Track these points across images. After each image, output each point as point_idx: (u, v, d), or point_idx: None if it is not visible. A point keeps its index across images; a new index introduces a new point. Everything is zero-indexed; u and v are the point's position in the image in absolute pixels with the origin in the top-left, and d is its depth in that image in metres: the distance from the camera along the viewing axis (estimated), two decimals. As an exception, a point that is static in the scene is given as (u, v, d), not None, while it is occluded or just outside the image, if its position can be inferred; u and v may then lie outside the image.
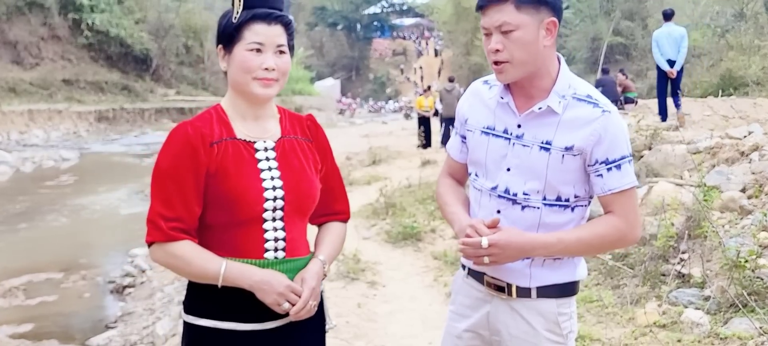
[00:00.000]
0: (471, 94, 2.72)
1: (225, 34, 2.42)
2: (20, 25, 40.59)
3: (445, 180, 2.83)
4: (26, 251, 11.30)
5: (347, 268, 7.51)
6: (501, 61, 2.42)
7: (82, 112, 37.98)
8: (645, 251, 6.38)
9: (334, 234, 2.65)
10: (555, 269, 2.53)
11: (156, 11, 50.21)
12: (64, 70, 41.73)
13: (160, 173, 2.36)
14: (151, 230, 2.33)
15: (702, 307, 5.43)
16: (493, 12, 2.40)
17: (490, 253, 2.40)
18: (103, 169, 22.67)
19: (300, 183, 2.46)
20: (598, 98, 2.47)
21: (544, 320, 2.53)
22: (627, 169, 2.46)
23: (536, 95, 2.48)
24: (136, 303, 8.59)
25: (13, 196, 16.67)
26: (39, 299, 8.89)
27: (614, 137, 2.43)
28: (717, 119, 14.10)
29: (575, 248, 2.49)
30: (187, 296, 2.47)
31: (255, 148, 2.44)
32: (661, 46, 13.53)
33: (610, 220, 2.49)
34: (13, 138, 30.49)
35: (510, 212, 2.51)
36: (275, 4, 2.43)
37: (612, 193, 2.45)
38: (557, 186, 2.47)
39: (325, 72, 76.79)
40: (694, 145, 9.17)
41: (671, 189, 7.18)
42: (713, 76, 27.15)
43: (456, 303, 2.76)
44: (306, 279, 2.41)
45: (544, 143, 2.45)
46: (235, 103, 2.47)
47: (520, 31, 2.38)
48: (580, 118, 2.43)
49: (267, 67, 2.37)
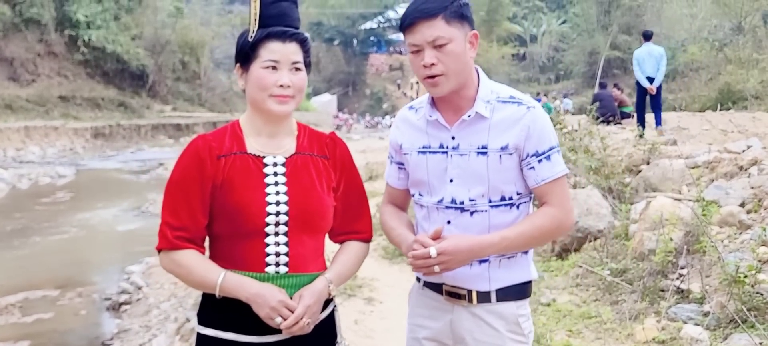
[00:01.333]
0: (401, 122, 2.83)
1: (242, 52, 2.49)
2: (17, 41, 40.65)
3: (387, 208, 2.91)
4: (22, 268, 11.25)
5: (344, 284, 7.47)
6: (436, 74, 2.53)
7: (79, 129, 37.97)
8: (644, 267, 6.36)
9: (349, 253, 2.66)
10: (511, 269, 2.66)
11: (152, 27, 50.32)
12: (61, 87, 41.77)
13: (170, 183, 2.45)
14: (160, 238, 2.42)
15: (701, 322, 5.40)
16: (424, 28, 2.51)
17: (440, 261, 2.48)
18: (100, 185, 22.64)
19: (307, 200, 2.49)
20: (520, 97, 2.64)
21: (506, 322, 2.65)
22: (556, 158, 2.61)
23: (463, 105, 2.62)
24: (133, 320, 8.55)
25: (9, 213, 16.63)
26: (35, 316, 8.85)
27: (542, 130, 2.59)
28: (715, 133, 14.12)
29: (519, 242, 2.60)
30: (201, 306, 2.54)
31: (264, 162, 2.49)
32: (642, 64, 14.43)
33: (547, 211, 2.62)
34: (9, 155, 30.45)
35: (460, 220, 2.62)
36: (290, 23, 2.49)
37: (545, 183, 2.59)
38: (500, 186, 2.60)
39: (321, 87, 76.89)
40: (693, 160, 9.17)
41: (670, 204, 7.15)
42: (712, 90, 27.26)
43: (415, 315, 2.84)
44: (303, 296, 2.41)
45: (481, 148, 2.59)
46: (251, 120, 2.55)
47: (452, 43, 2.51)
48: (508, 118, 2.58)
49: (282, 85, 2.43)
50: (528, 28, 67.57)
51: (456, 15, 2.53)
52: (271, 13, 2.46)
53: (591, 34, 45.69)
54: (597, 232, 7.78)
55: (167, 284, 9.44)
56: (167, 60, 50.15)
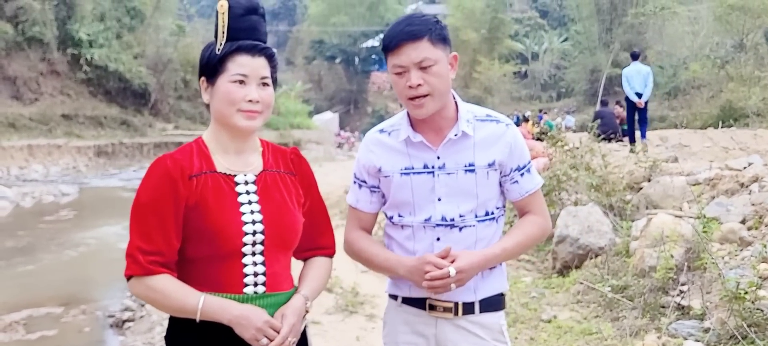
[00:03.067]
0: (374, 145, 2.85)
1: (208, 65, 2.43)
2: (19, 60, 40.68)
3: (358, 234, 2.91)
4: (26, 286, 11.24)
5: (346, 301, 7.50)
6: (421, 95, 2.59)
7: (82, 147, 37.96)
8: (644, 283, 6.38)
9: (318, 269, 2.64)
10: (492, 279, 2.77)
11: (154, 46, 50.39)
12: (64, 105, 41.75)
13: (139, 206, 2.35)
14: (130, 264, 2.33)
15: (702, 339, 5.42)
16: (410, 50, 2.57)
17: (457, 279, 2.59)
18: (103, 203, 22.64)
19: (281, 217, 2.45)
20: (496, 116, 2.79)
21: (490, 331, 2.76)
22: (533, 171, 2.81)
23: (445, 126, 2.71)
24: (136, 337, 8.54)
25: (12, 231, 16.62)
26: (39, 333, 8.84)
27: (521, 146, 2.76)
28: (717, 150, 14.17)
29: (515, 251, 2.81)
30: (169, 330, 2.46)
31: (235, 181, 2.44)
32: (631, 80, 15.96)
33: (532, 219, 2.82)
34: (12, 173, 30.44)
35: (449, 236, 2.70)
36: (259, 37, 2.45)
37: (529, 194, 2.79)
38: (486, 201, 2.72)
39: (323, 105, 76.88)
40: (694, 177, 9.19)
41: (670, 221, 7.19)
42: (713, 108, 27.29)
43: (394, 333, 2.87)
44: (286, 315, 2.39)
45: (468, 166, 2.69)
46: (217, 136, 2.47)
47: (438, 65, 2.59)
48: (490, 135, 2.72)
49: (251, 99, 2.38)
50: (529, 46, 67.66)
51: (439, 37, 2.61)
52: (241, 26, 2.41)
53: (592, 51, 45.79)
54: (598, 249, 7.81)
55: (170, 302, 9.44)
56: (169, 78, 50.19)
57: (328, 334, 6.72)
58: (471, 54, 51.40)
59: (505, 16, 61.15)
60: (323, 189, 11.03)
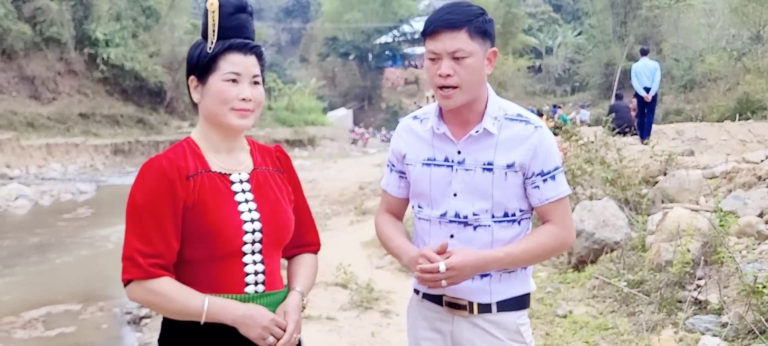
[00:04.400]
0: (405, 131, 2.84)
1: (199, 64, 2.41)
2: (37, 60, 40.98)
3: (384, 216, 2.93)
4: (45, 283, 11.37)
5: (361, 297, 7.52)
6: (450, 86, 2.55)
7: (99, 146, 38.21)
8: (661, 278, 6.36)
9: (308, 266, 2.64)
10: (511, 283, 2.71)
11: (169, 44, 50.60)
12: (81, 105, 42.03)
13: (136, 207, 2.30)
14: (129, 267, 2.27)
15: (719, 334, 5.39)
16: (447, 38, 2.53)
17: (448, 276, 2.53)
18: (120, 201, 22.43)
19: (276, 215, 2.45)
20: (528, 116, 2.68)
21: (507, 331, 2.70)
22: (560, 178, 2.68)
23: (472, 120, 2.65)
24: (153, 334, 8.58)
25: (32, 229, 16.81)
26: (58, 330, 8.94)
27: (548, 150, 2.64)
28: (734, 144, 14.08)
29: (522, 259, 2.66)
30: (163, 334, 2.43)
31: (231, 180, 2.42)
32: (639, 76, 16.61)
33: (550, 229, 2.69)
34: (31, 172, 30.70)
35: (463, 234, 2.66)
36: (248, 35, 2.43)
37: (549, 202, 2.66)
38: (504, 203, 2.64)
39: (337, 102, 76.94)
40: (710, 170, 9.13)
41: (687, 215, 7.15)
42: (730, 100, 27.09)
43: (415, 328, 2.87)
44: (289, 312, 2.39)
45: (486, 164, 2.63)
46: (207, 136, 2.45)
47: (472, 58, 2.54)
48: (516, 136, 2.63)
49: (244, 98, 2.37)
50: (544, 41, 67.45)
51: (479, 30, 2.55)
52: (231, 25, 2.39)
53: (607, 45, 45.57)
54: (613, 243, 7.79)
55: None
56: (184, 76, 50.12)
57: (343, 330, 6.74)
58: (485, 49, 51.22)
59: (519, 10, 60.91)
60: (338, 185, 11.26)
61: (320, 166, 28.93)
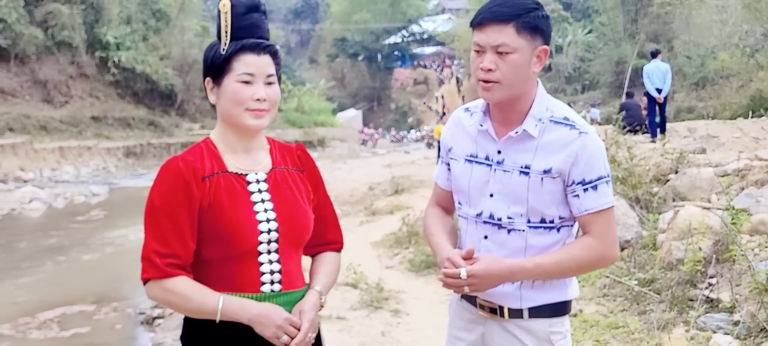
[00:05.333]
0: (454, 123, 2.76)
1: (213, 66, 2.41)
2: (49, 64, 41.22)
3: (433, 210, 2.87)
4: (59, 285, 11.46)
5: (371, 297, 7.54)
6: (491, 80, 2.45)
7: (111, 148, 38.39)
8: (672, 276, 6.34)
9: (329, 264, 2.62)
10: (545, 290, 2.58)
11: (180, 47, 50.79)
12: (93, 108, 42.26)
13: (153, 209, 2.34)
14: (147, 267, 2.31)
15: (731, 332, 5.37)
16: (493, 31, 2.42)
17: (469, 283, 2.46)
18: (132, 203, 22.77)
19: (294, 215, 2.45)
20: (574, 120, 2.53)
21: (537, 339, 2.58)
22: (604, 189, 2.50)
23: (515, 120, 2.53)
24: (166, 334, 8.65)
25: (46, 231, 16.94)
26: (73, 330, 9.03)
27: (591, 158, 2.48)
28: (747, 141, 14.00)
29: (553, 272, 2.53)
30: (184, 331, 2.46)
31: (247, 180, 2.43)
32: (651, 77, 16.97)
33: (587, 242, 2.53)
34: (45, 175, 30.88)
35: (497, 237, 2.57)
36: (262, 35, 2.42)
37: (589, 213, 2.51)
38: (540, 209, 2.52)
39: (346, 103, 76.98)
40: (722, 168, 9.07)
41: (698, 213, 7.13)
42: (743, 97, 26.91)
43: (452, 326, 2.81)
44: (305, 311, 2.39)
45: (524, 168, 2.51)
46: (225, 136, 2.47)
47: (516, 54, 2.41)
48: (557, 140, 2.49)
49: (259, 98, 2.37)
50: (553, 39, 67.15)
51: (528, 26, 2.42)
52: (243, 25, 2.39)
53: (617, 43, 45.37)
54: (624, 242, 7.77)
55: (199, 300, 9.55)
56: (195, 79, 50.49)
57: (353, 329, 6.76)
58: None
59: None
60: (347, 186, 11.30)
61: (330, 167, 28.98)
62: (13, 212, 20.33)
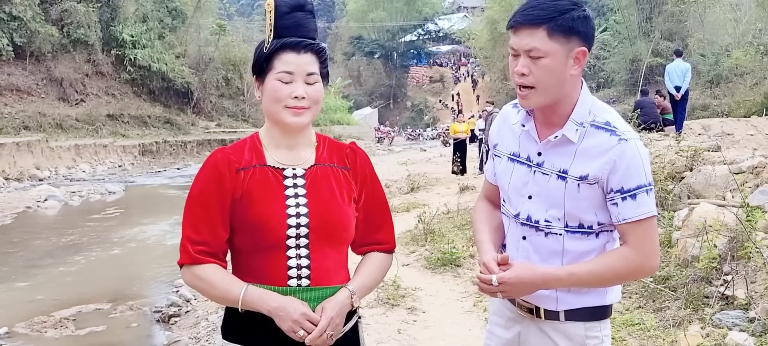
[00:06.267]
0: (501, 120, 2.74)
1: (257, 64, 2.47)
2: (65, 62, 41.36)
3: (481, 204, 2.85)
4: (75, 283, 11.49)
5: (387, 294, 7.55)
6: (525, 85, 2.41)
7: (127, 146, 38.51)
8: (687, 273, 6.35)
9: (371, 265, 2.61)
10: (582, 294, 2.53)
11: (196, 45, 50.95)
12: (109, 106, 42.43)
13: (190, 198, 2.44)
14: (181, 253, 2.41)
15: (747, 329, 5.38)
16: (525, 35, 2.38)
17: (500, 290, 2.44)
18: (148, 201, 22.98)
19: (328, 211, 2.45)
20: (616, 125, 2.44)
21: (571, 343, 2.55)
22: (643, 199, 2.41)
23: (556, 123, 2.49)
24: (182, 332, 8.69)
25: (61, 229, 16.95)
26: (88, 329, 9.04)
27: (630, 166, 2.39)
28: (761, 139, 13.98)
29: (587, 282, 2.48)
30: (224, 320, 2.52)
31: (284, 175, 2.46)
32: (671, 75, 18.20)
33: (624, 252, 2.46)
34: (61, 173, 30.96)
35: (534, 239, 2.55)
36: (306, 33, 2.45)
37: (626, 222, 2.42)
38: (577, 214, 2.47)
39: (362, 101, 77.05)
40: (737, 166, 9.06)
41: (713, 210, 7.12)
42: (757, 95, 26.82)
43: (491, 323, 2.82)
44: (325, 308, 2.39)
45: (561, 172, 2.46)
46: (270, 132, 2.51)
47: (548, 58, 2.36)
48: (596, 146, 2.42)
49: (297, 96, 2.39)
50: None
51: (562, 29, 2.34)
52: (286, 24, 2.42)
53: (632, 41, 45.16)
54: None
55: (215, 297, 9.56)
56: (211, 77, 50.71)
57: (369, 327, 6.77)
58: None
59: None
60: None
61: (346, 165, 28.91)
62: (28, 210, 20.38)
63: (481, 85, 72.22)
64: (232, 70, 53.07)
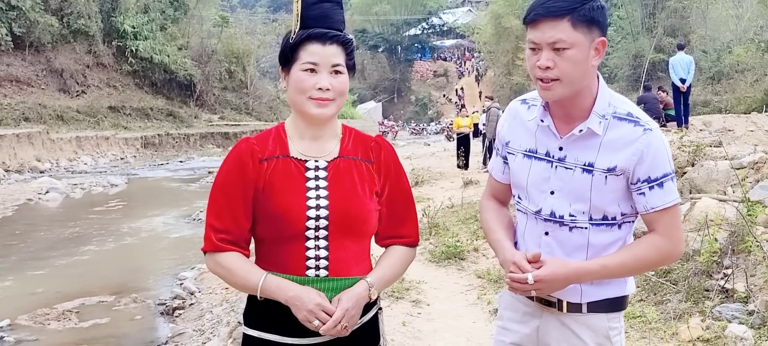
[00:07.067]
0: (511, 116, 2.70)
1: (283, 54, 2.46)
2: (66, 53, 41.35)
3: (489, 203, 2.82)
4: (78, 276, 11.50)
5: (392, 287, 7.58)
6: (551, 78, 2.37)
7: (129, 139, 38.51)
8: (688, 267, 6.38)
9: (393, 258, 2.59)
10: (604, 285, 2.53)
11: (198, 37, 50.92)
12: (110, 98, 42.44)
13: (214, 187, 2.45)
14: (205, 241, 2.44)
15: (746, 322, 5.43)
16: (547, 28, 2.34)
17: (535, 287, 2.42)
18: (151, 194, 22.97)
19: (348, 203, 2.44)
20: (639, 116, 2.44)
21: (595, 335, 2.54)
22: (669, 186, 2.43)
23: (577, 116, 2.46)
24: (186, 324, 8.70)
25: (63, 222, 16.96)
26: (92, 321, 9.04)
27: (656, 155, 2.40)
28: (761, 135, 14.01)
29: (619, 271, 2.49)
30: (246, 307, 2.54)
31: (306, 166, 2.46)
32: (675, 68, 18.26)
33: (653, 240, 2.47)
34: (62, 165, 30.93)
35: (558, 234, 2.52)
36: (332, 25, 2.43)
37: (655, 211, 2.44)
38: (603, 206, 2.46)
39: (366, 95, 77.05)
40: (738, 161, 9.10)
41: (714, 205, 7.15)
42: (757, 92, 26.85)
43: (503, 319, 2.76)
44: (341, 299, 2.38)
45: (587, 165, 2.44)
46: (295, 123, 2.51)
47: (574, 49, 2.33)
48: (621, 138, 2.41)
49: (321, 87, 2.38)
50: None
51: (584, 19, 2.32)
52: (313, 15, 2.41)
53: (635, 36, 45.01)
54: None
55: (219, 289, 9.59)
56: (214, 69, 50.66)
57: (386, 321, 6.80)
58: (514, 41, 50.82)
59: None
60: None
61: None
62: (29, 203, 20.38)
63: (484, 80, 72.18)
64: (236, 62, 53.03)
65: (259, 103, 53.89)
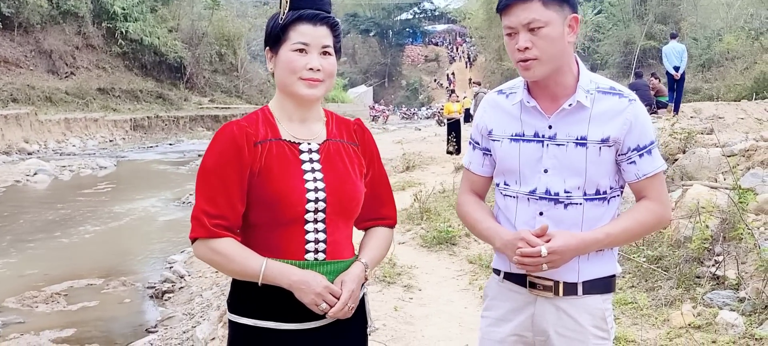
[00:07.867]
0: (490, 106, 2.73)
1: (272, 35, 2.44)
2: (55, 34, 41.05)
3: (469, 197, 2.81)
4: (67, 258, 11.45)
5: (384, 272, 7.57)
6: (529, 58, 2.44)
7: (118, 121, 38.36)
8: (680, 254, 6.40)
9: (378, 239, 2.64)
10: (598, 262, 2.57)
11: (189, 19, 50.64)
12: (99, 79, 42.20)
13: (205, 170, 2.39)
14: (195, 227, 2.37)
15: (737, 308, 5.45)
16: (520, 10, 2.42)
17: (549, 260, 2.44)
18: (140, 177, 22.90)
19: (343, 186, 2.46)
20: (621, 89, 2.55)
21: (591, 317, 2.57)
22: (656, 153, 2.56)
23: (561, 94, 2.53)
24: (176, 308, 8.70)
25: (52, 204, 16.89)
26: (80, 304, 9.00)
27: (643, 125, 2.52)
28: (751, 122, 14.06)
29: (622, 238, 2.59)
30: (231, 294, 2.51)
31: (300, 149, 2.45)
32: (668, 56, 18.92)
33: (647, 205, 2.57)
34: (50, 147, 30.82)
35: (553, 212, 2.54)
36: (321, 6, 2.44)
37: (646, 177, 2.55)
38: (596, 179, 2.52)
39: (357, 79, 76.90)
40: (729, 148, 9.12)
41: (706, 192, 7.16)
42: (747, 80, 27.00)
43: (493, 309, 2.75)
44: (345, 281, 2.41)
45: (580, 139, 2.50)
46: (282, 105, 2.49)
47: (548, 27, 2.41)
48: (609, 109, 2.50)
49: (312, 68, 2.38)
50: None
51: None
52: None
53: (626, 23, 45.10)
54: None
55: (209, 273, 9.58)
56: (204, 52, 50.45)
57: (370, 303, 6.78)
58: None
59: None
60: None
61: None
62: (17, 184, 20.30)
63: (476, 65, 72.16)
64: (226, 45, 52.83)
65: (250, 86, 53.71)
